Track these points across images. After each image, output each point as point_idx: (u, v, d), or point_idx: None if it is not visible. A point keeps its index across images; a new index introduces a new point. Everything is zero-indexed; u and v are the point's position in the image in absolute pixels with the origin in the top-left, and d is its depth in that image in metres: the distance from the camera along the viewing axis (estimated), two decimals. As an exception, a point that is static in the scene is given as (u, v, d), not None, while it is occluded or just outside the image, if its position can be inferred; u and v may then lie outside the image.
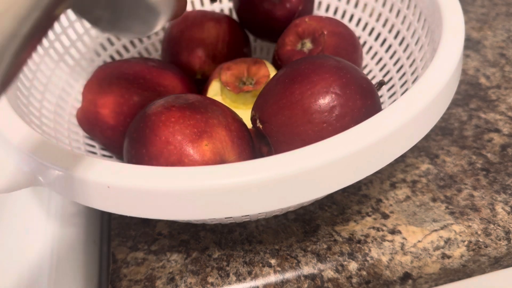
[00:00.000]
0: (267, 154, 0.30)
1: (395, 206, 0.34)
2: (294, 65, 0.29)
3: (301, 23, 0.36)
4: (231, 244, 0.32)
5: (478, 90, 0.43)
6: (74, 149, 0.33)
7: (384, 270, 0.30)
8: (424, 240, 0.31)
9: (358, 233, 0.32)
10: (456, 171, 0.36)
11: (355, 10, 0.41)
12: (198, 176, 0.22)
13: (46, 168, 0.24)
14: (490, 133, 0.39)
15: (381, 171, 0.36)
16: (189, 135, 0.27)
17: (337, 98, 0.27)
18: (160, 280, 0.30)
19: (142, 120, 0.28)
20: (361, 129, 0.23)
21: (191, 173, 0.22)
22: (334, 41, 0.35)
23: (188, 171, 0.22)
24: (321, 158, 0.22)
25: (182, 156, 0.26)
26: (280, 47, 0.37)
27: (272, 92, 0.29)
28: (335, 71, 0.28)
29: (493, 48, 0.47)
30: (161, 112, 0.28)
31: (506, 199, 0.33)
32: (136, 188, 0.22)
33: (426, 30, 0.33)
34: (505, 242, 0.31)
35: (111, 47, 0.42)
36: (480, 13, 0.53)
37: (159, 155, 0.27)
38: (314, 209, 0.34)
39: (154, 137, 0.27)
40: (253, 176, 0.22)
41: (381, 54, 0.38)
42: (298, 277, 0.30)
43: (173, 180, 0.22)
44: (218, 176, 0.22)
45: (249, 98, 0.35)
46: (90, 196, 0.24)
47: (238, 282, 0.30)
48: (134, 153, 0.28)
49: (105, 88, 0.33)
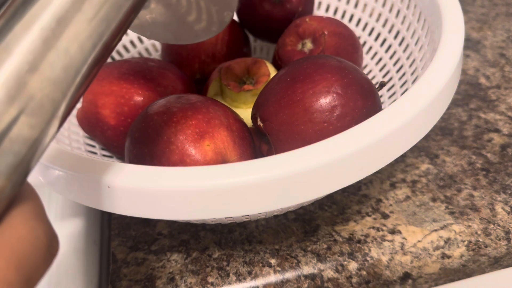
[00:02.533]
0: (267, 152, 0.30)
1: (395, 206, 0.34)
2: (296, 65, 0.29)
3: (302, 23, 0.36)
4: (231, 244, 0.32)
5: (478, 90, 0.43)
6: (74, 149, 0.33)
7: (384, 270, 0.30)
8: (424, 240, 0.31)
9: (358, 233, 0.32)
10: (456, 171, 0.36)
11: (355, 10, 0.41)
12: (198, 176, 0.22)
13: (46, 168, 0.24)
14: (490, 133, 0.39)
15: (381, 171, 0.36)
16: (191, 135, 0.27)
17: (338, 98, 0.27)
18: (160, 280, 0.30)
19: (144, 120, 0.28)
20: (361, 129, 0.23)
21: (191, 173, 0.22)
22: (334, 41, 0.35)
23: (188, 171, 0.22)
24: (321, 159, 0.22)
25: (184, 156, 0.26)
26: (281, 47, 0.37)
27: (273, 91, 0.29)
28: (337, 71, 0.28)
29: (493, 48, 0.47)
30: (163, 112, 0.28)
31: (506, 199, 0.33)
32: (136, 188, 0.22)
33: (426, 30, 0.33)
34: (505, 242, 0.31)
35: (111, 47, 0.42)
36: (480, 13, 0.53)
37: (161, 155, 0.27)
38: (314, 209, 0.34)
39: (156, 137, 0.27)
40: (253, 176, 0.22)
41: (381, 54, 0.38)
42: (298, 277, 0.30)
43: (173, 180, 0.22)
44: (219, 176, 0.22)
45: (250, 98, 0.35)
46: (90, 196, 0.24)
47: (238, 282, 0.30)
48: (136, 152, 0.28)
49: (105, 89, 0.33)
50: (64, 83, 0.17)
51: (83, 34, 0.17)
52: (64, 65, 0.17)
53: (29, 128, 0.16)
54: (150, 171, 0.23)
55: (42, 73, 0.16)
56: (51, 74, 0.16)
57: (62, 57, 0.16)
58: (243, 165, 0.22)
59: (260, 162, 0.22)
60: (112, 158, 0.36)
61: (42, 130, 0.16)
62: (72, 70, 0.17)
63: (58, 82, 0.16)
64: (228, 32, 0.39)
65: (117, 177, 0.23)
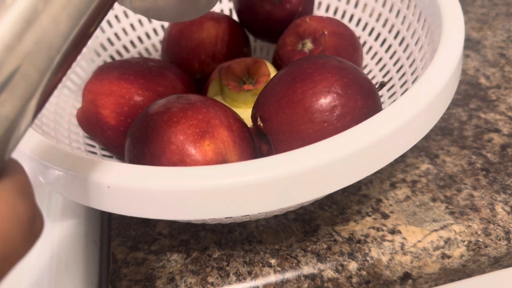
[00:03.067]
0: (267, 152, 0.30)
1: (395, 206, 0.34)
2: (296, 65, 0.29)
3: (302, 23, 0.36)
4: (231, 244, 0.32)
5: (478, 90, 0.43)
6: (74, 149, 0.33)
7: (384, 270, 0.30)
8: (424, 240, 0.31)
9: (358, 233, 0.32)
10: (456, 171, 0.36)
11: (355, 10, 0.41)
12: (198, 176, 0.22)
13: (46, 168, 0.24)
14: (490, 133, 0.39)
15: (381, 171, 0.36)
16: (191, 135, 0.27)
17: (338, 98, 0.27)
18: (160, 280, 0.30)
19: (144, 120, 0.28)
20: (361, 129, 0.23)
21: (191, 173, 0.22)
22: (334, 41, 0.35)
23: (188, 171, 0.22)
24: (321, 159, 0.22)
25: (184, 156, 0.26)
26: (281, 47, 0.37)
27: (273, 90, 0.29)
28: (337, 71, 0.28)
29: (493, 48, 0.47)
30: (163, 112, 0.28)
31: (506, 199, 0.33)
32: (136, 188, 0.22)
33: (426, 30, 0.33)
34: (505, 242, 0.31)
35: (111, 47, 0.42)
36: (480, 13, 0.53)
37: (161, 155, 0.27)
38: (314, 209, 0.34)
39: (156, 137, 0.27)
40: (253, 176, 0.22)
41: (381, 54, 0.38)
42: (298, 277, 0.30)
43: (173, 180, 0.22)
44: (219, 176, 0.22)
45: (250, 97, 0.35)
46: (90, 196, 0.24)
47: (238, 282, 0.30)
48: (136, 152, 0.28)
49: (105, 88, 0.33)
50: (38, 58, 0.16)
51: (56, 6, 0.16)
52: (36, 38, 0.16)
53: (2, 105, 0.15)
54: (150, 171, 0.23)
55: (13, 46, 0.15)
56: (23, 47, 0.15)
57: (34, 29, 0.16)
58: (243, 165, 0.22)
59: (260, 162, 0.22)
60: (112, 158, 0.36)
61: (18, 109, 0.15)
62: (46, 43, 0.16)
63: (32, 57, 0.16)
64: (228, 32, 0.39)
65: (117, 177, 0.23)
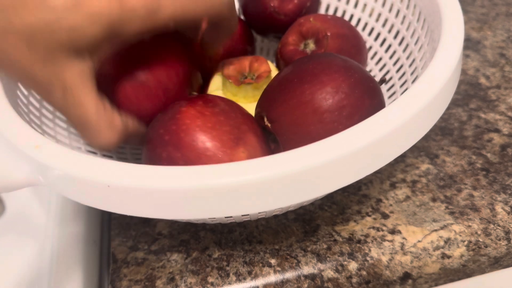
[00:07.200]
0: (274, 150, 0.30)
1: (395, 206, 0.34)
2: (301, 65, 0.29)
3: (306, 22, 0.36)
4: (231, 244, 0.32)
5: (478, 90, 0.43)
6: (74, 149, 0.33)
7: (384, 270, 0.30)
8: (424, 240, 0.31)
9: (358, 233, 0.32)
10: (456, 171, 0.36)
11: (355, 10, 0.41)
12: (198, 175, 0.22)
13: (46, 168, 0.24)
14: (490, 133, 0.39)
15: (381, 171, 0.36)
16: (227, 141, 0.26)
17: (346, 98, 0.27)
18: (160, 280, 0.30)
19: (175, 123, 0.27)
20: (360, 128, 0.23)
21: (191, 173, 0.22)
22: (337, 43, 0.35)
23: (187, 170, 0.22)
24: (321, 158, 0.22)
25: (221, 163, 0.26)
26: (283, 46, 0.37)
27: (279, 91, 0.29)
28: (344, 71, 0.28)
29: (493, 48, 0.47)
30: (195, 116, 0.27)
31: (506, 199, 0.33)
32: (136, 188, 0.22)
33: (425, 30, 0.33)
34: (505, 242, 0.31)
35: (111, 47, 0.42)
36: (480, 13, 0.53)
37: (196, 161, 0.26)
38: (314, 209, 0.34)
39: (190, 142, 0.26)
40: (253, 175, 0.22)
41: (381, 54, 0.38)
42: (298, 277, 0.30)
43: (174, 179, 0.22)
44: (218, 176, 0.22)
45: (250, 91, 0.35)
46: (90, 196, 0.24)
47: (238, 282, 0.30)
48: (165, 155, 0.27)
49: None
50: None
51: None
52: None
53: None
54: (150, 170, 0.23)
55: None
56: None
57: None
58: (243, 164, 0.22)
59: (259, 161, 0.22)
60: (112, 158, 0.36)
61: None
62: None
63: None
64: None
65: (117, 177, 0.23)
